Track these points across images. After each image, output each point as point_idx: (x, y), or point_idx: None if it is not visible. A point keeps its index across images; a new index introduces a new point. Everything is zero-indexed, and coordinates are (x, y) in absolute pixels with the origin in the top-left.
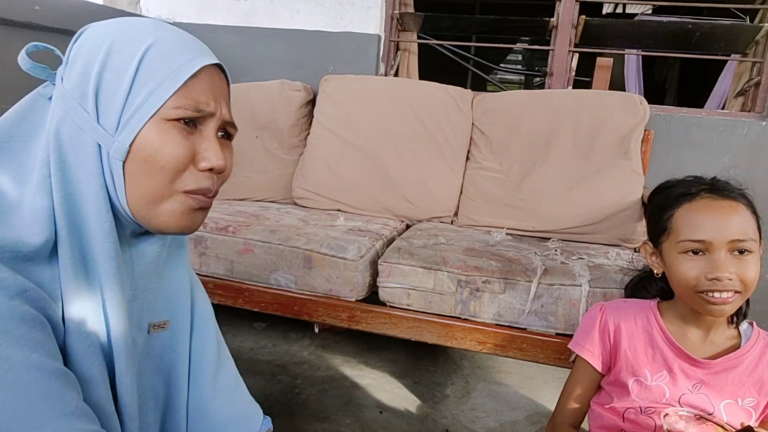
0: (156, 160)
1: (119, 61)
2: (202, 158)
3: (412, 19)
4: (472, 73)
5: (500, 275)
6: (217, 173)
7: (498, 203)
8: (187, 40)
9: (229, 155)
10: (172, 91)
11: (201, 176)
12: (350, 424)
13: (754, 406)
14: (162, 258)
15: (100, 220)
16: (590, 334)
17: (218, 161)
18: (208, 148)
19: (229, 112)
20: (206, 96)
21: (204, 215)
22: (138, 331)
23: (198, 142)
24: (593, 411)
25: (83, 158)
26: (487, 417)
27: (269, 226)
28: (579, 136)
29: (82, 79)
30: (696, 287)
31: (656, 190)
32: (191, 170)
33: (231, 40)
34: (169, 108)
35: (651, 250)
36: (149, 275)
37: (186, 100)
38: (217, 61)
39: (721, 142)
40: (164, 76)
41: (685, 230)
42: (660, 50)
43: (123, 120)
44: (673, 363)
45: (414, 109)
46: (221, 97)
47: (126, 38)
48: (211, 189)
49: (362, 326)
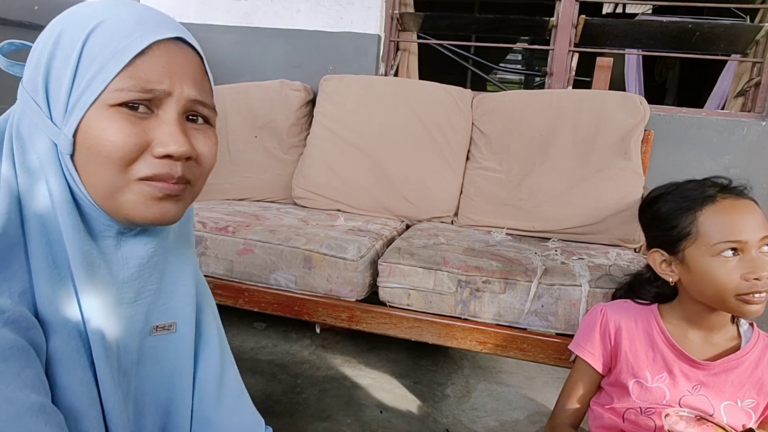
0: (99, 150)
1: (66, 46)
2: (157, 144)
3: (412, 19)
4: (471, 72)
5: (500, 275)
6: (180, 160)
7: (498, 203)
8: (143, 15)
9: (203, 139)
10: (114, 72)
11: (158, 163)
12: (351, 423)
13: (754, 407)
14: (162, 257)
15: (67, 223)
16: (591, 336)
17: (176, 146)
18: (164, 133)
19: (199, 91)
20: (158, 74)
21: (177, 205)
22: (137, 334)
23: (154, 127)
24: (593, 411)
25: (44, 157)
26: (487, 417)
27: (269, 226)
28: (579, 136)
29: (34, 71)
30: (737, 290)
31: (656, 197)
32: (146, 157)
33: (231, 40)
34: (112, 91)
35: (663, 258)
36: (149, 275)
37: (131, 81)
38: (178, 34)
39: (721, 142)
40: (108, 56)
41: (717, 232)
42: (660, 50)
43: (68, 110)
44: (674, 364)
45: (414, 109)
46: (183, 74)
47: (75, 21)
48: (171, 175)
49: (362, 326)
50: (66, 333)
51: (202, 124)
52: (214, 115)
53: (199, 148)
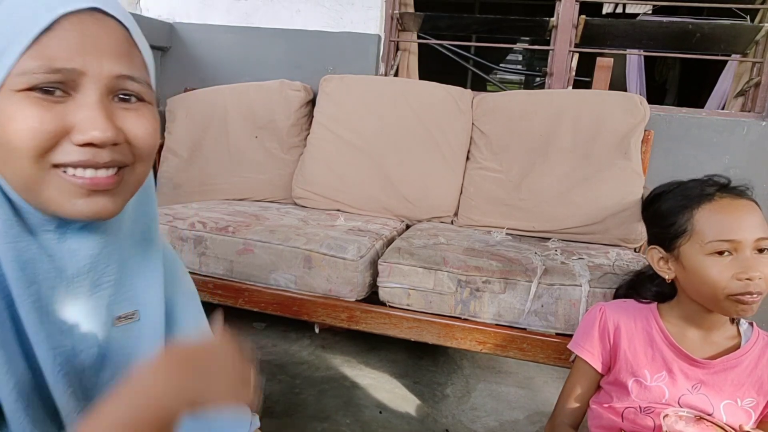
0: (7, 141)
1: None
2: (77, 130)
3: (412, 19)
4: (472, 73)
5: (500, 275)
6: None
7: (498, 203)
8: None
9: (135, 119)
10: (17, 53)
11: (78, 150)
12: (350, 424)
13: (754, 406)
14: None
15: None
16: (590, 335)
17: (98, 132)
18: (84, 118)
19: (126, 66)
20: (68, 51)
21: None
22: (100, 326)
23: (72, 110)
24: (593, 410)
25: None
26: (487, 417)
27: (269, 226)
28: (579, 136)
29: None
30: (728, 290)
31: (657, 194)
32: (64, 145)
33: (231, 40)
34: (16, 75)
35: (660, 255)
36: (105, 266)
37: (35, 62)
38: (93, 4)
39: (721, 142)
40: (10, 35)
41: (711, 231)
42: (660, 50)
43: None
44: (673, 363)
45: (414, 109)
46: (101, 49)
47: None
48: (96, 162)
49: (362, 326)
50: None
51: (134, 102)
52: (150, 91)
53: (130, 130)
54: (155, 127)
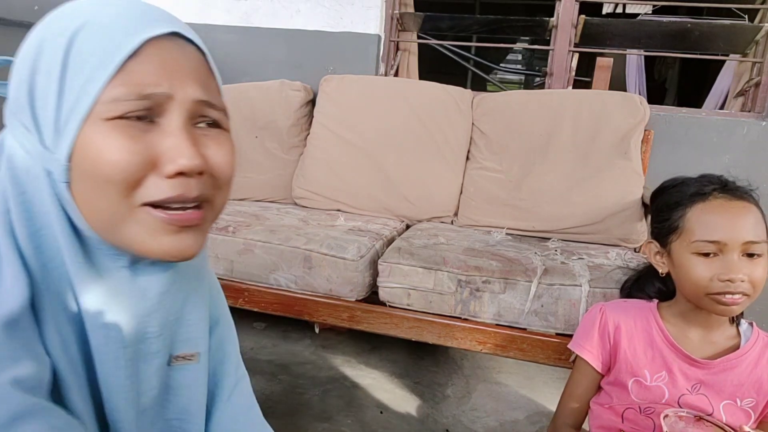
0: (97, 173)
1: (48, 56)
2: (167, 161)
3: (412, 19)
4: (472, 73)
5: (500, 275)
6: (192, 176)
7: (498, 203)
8: (132, 11)
9: (216, 147)
10: (104, 79)
11: (168, 185)
12: (351, 424)
13: (753, 406)
14: (184, 282)
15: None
16: (590, 335)
17: (187, 160)
18: (172, 146)
19: (206, 91)
20: (155, 75)
21: (197, 236)
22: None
23: (158, 140)
24: (593, 411)
25: (39, 186)
26: (487, 417)
27: (269, 226)
28: (579, 136)
29: (17, 89)
30: (707, 289)
31: (662, 188)
32: (153, 179)
33: (231, 40)
34: (105, 103)
35: (656, 249)
36: (171, 304)
37: (124, 89)
38: (173, 29)
39: (721, 142)
40: (96, 63)
41: (699, 230)
42: (660, 50)
43: (58, 130)
44: (673, 363)
45: (414, 109)
46: (184, 73)
47: (56, 27)
48: (186, 197)
49: (363, 326)
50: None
51: (214, 129)
52: (226, 118)
53: (212, 158)
54: (234, 156)
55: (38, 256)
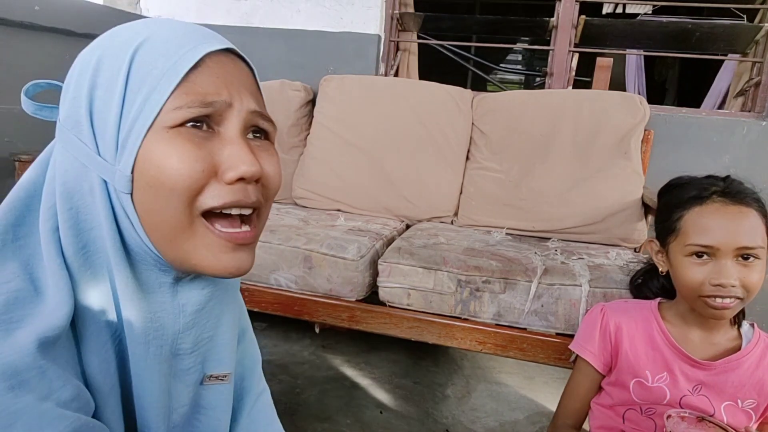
0: (162, 181)
1: (108, 72)
2: (228, 167)
3: (412, 19)
4: (472, 73)
5: (500, 275)
6: (251, 182)
7: (498, 203)
8: (187, 29)
9: (267, 158)
10: (169, 90)
11: (228, 190)
12: (351, 424)
13: (754, 407)
14: (218, 300)
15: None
16: (591, 335)
17: (248, 167)
18: (232, 153)
19: (258, 102)
20: (215, 86)
21: (250, 254)
22: (192, 385)
23: (218, 148)
24: (594, 411)
25: (91, 200)
26: (487, 417)
27: (269, 226)
28: (579, 136)
29: (73, 104)
30: (700, 291)
31: (667, 187)
32: (214, 185)
33: (231, 40)
34: (169, 111)
35: (657, 249)
36: (206, 321)
37: (188, 97)
38: (229, 46)
39: (721, 142)
40: (159, 75)
41: (693, 234)
42: (660, 50)
43: (120, 141)
44: (674, 364)
45: (414, 109)
46: (240, 85)
47: (116, 44)
48: (245, 202)
49: (363, 326)
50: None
51: (263, 140)
52: (275, 130)
53: (265, 167)
54: (280, 168)
55: (83, 273)
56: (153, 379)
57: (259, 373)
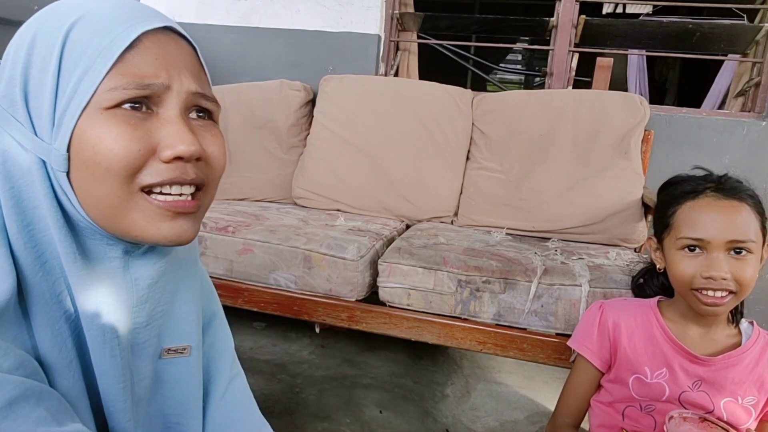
0: (98, 161)
1: (43, 50)
2: (165, 146)
3: (412, 19)
4: (472, 73)
5: (500, 275)
6: (190, 161)
7: (498, 203)
8: (125, 6)
9: (210, 138)
10: (104, 70)
11: (166, 168)
12: (350, 423)
13: (754, 404)
14: (172, 274)
15: (65, 253)
16: (590, 332)
17: (185, 146)
18: (170, 133)
19: (199, 84)
20: (153, 66)
21: (192, 222)
22: (149, 358)
23: (156, 127)
24: (593, 409)
25: (31, 179)
26: (487, 417)
27: (269, 226)
28: (579, 136)
29: (9, 83)
30: (691, 284)
31: (665, 185)
32: (152, 164)
33: (230, 40)
34: (104, 92)
35: (655, 246)
36: (160, 295)
37: (124, 78)
38: (169, 23)
39: (721, 142)
40: (94, 54)
41: (684, 228)
42: (660, 50)
43: (56, 121)
44: (673, 360)
45: (414, 109)
46: (180, 65)
47: (50, 21)
48: (183, 178)
49: (362, 326)
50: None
51: (206, 120)
52: (218, 109)
53: (207, 147)
54: (225, 147)
55: (29, 251)
56: (112, 352)
57: (232, 357)
